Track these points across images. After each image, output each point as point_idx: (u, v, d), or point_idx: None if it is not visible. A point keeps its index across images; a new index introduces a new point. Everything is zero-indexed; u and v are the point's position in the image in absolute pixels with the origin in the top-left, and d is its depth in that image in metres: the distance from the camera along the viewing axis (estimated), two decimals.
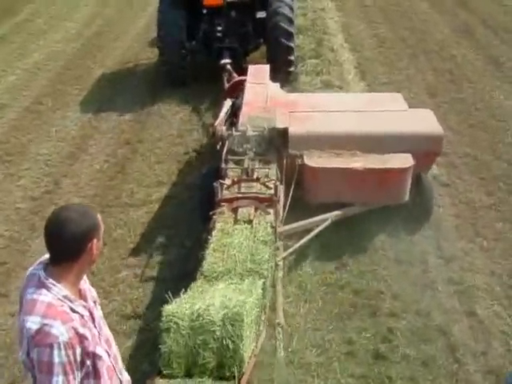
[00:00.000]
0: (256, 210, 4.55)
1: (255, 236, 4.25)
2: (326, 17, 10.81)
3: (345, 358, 4.15)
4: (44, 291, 2.19)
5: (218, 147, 5.48)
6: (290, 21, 8.03)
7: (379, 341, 4.26)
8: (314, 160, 5.10)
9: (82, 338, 2.20)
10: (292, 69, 8.28)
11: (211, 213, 4.58)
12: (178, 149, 7.01)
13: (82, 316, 2.26)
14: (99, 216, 2.33)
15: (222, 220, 4.46)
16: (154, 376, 3.28)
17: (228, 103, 6.23)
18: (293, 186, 5.03)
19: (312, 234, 4.95)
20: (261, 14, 8.31)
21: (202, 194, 5.26)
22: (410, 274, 4.91)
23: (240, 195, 4.70)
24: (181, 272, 4.83)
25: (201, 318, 3.31)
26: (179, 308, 3.39)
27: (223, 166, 5.07)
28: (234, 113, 5.98)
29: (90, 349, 2.24)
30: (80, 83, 8.97)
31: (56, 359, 2.11)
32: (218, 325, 3.28)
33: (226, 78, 7.43)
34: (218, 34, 8.21)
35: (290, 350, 4.16)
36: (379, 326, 4.38)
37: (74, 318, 2.20)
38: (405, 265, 5.00)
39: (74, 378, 2.18)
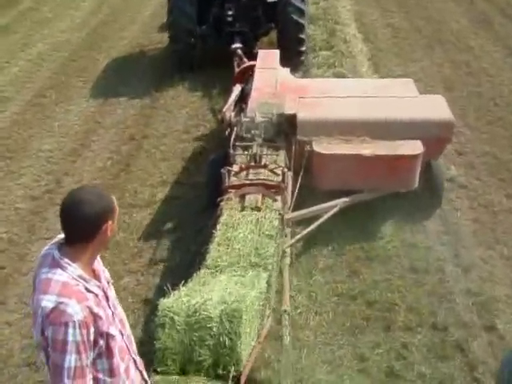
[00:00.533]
0: (263, 196, 4.49)
1: (260, 230, 4.15)
2: (338, 5, 10.45)
3: (357, 376, 3.92)
4: (59, 270, 2.19)
5: (227, 133, 5.42)
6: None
7: (393, 357, 4.04)
8: (323, 146, 5.03)
9: (96, 318, 2.21)
10: (303, 48, 8.11)
11: (218, 199, 4.49)
12: (185, 145, 6.76)
13: (97, 295, 2.26)
14: (114, 199, 2.34)
15: (227, 212, 4.34)
16: (148, 373, 3.15)
17: (237, 89, 6.14)
18: (301, 173, 4.94)
19: (320, 220, 4.87)
20: None
21: (209, 180, 5.18)
22: (425, 283, 4.66)
23: (248, 182, 4.65)
24: (185, 279, 4.59)
25: (197, 314, 3.21)
26: (176, 302, 3.30)
27: (231, 152, 5.01)
28: (243, 98, 5.89)
29: (104, 328, 2.25)
30: (84, 75, 8.73)
31: (70, 338, 2.12)
32: (216, 321, 3.19)
33: (236, 63, 7.26)
34: (229, 19, 8.07)
35: (298, 366, 3.94)
36: (393, 342, 4.15)
37: (89, 297, 2.21)
38: (420, 274, 4.75)
39: (87, 358, 2.19)
